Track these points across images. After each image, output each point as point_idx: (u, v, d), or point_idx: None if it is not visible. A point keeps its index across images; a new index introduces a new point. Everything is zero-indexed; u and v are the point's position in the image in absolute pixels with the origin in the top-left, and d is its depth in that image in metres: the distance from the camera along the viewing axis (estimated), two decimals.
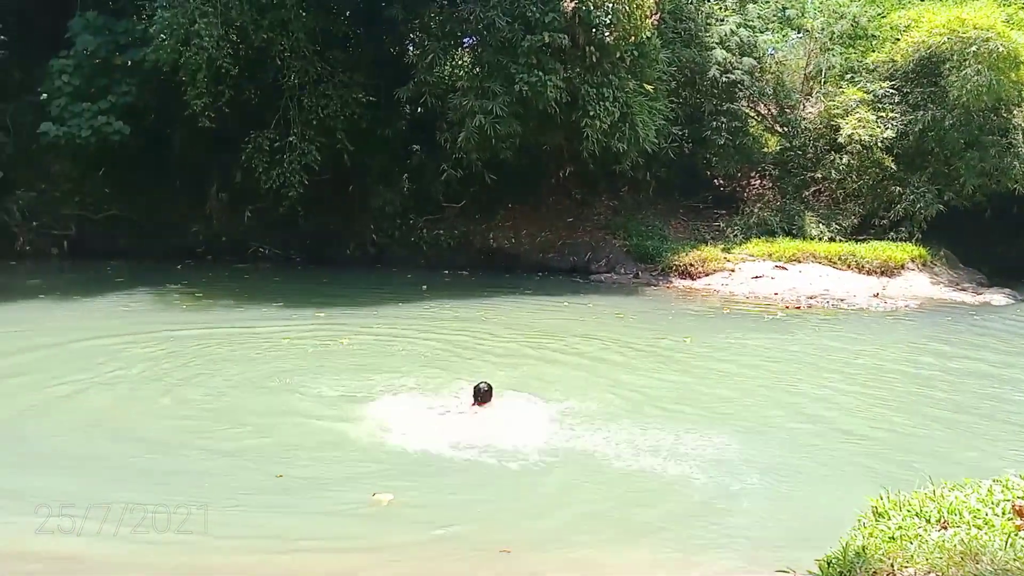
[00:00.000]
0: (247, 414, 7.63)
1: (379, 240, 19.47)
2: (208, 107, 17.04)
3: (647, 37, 17.61)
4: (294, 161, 17.99)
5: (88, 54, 17.98)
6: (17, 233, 18.79)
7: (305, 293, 15.25)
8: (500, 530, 5.34)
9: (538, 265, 19.34)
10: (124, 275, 16.22)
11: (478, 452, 6.61)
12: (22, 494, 5.56)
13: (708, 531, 5.45)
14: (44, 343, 10.26)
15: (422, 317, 12.92)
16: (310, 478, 6.07)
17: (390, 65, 19.81)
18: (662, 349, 11.22)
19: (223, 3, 16.65)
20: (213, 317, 12.58)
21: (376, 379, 8.82)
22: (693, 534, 5.40)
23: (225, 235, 19.71)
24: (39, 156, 19.21)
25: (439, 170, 18.63)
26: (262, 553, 4.90)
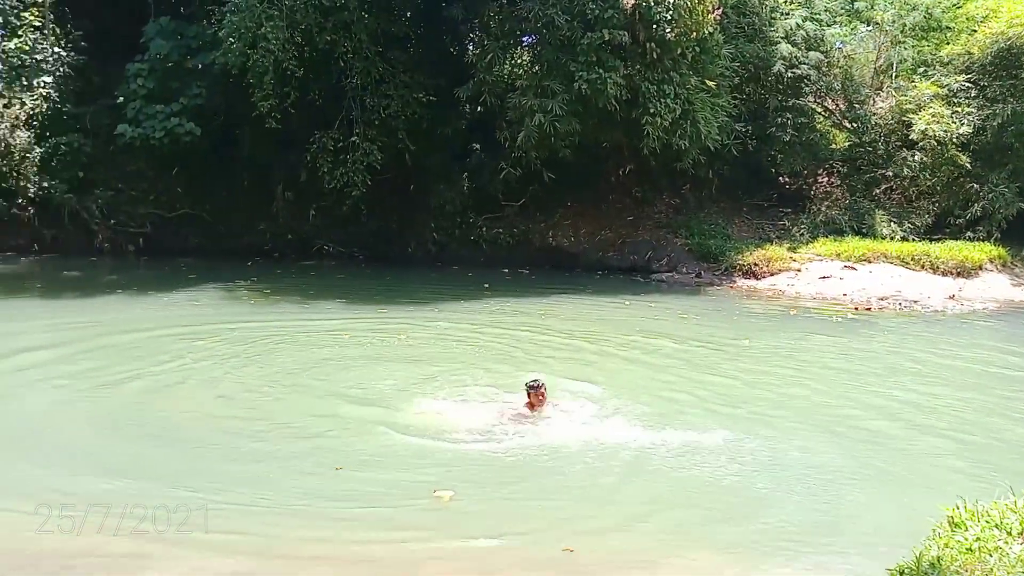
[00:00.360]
0: (307, 408, 7.75)
1: (439, 238, 19.64)
2: (274, 108, 17.48)
3: (709, 32, 17.32)
4: (357, 161, 18.31)
5: (161, 58, 18.66)
6: (96, 231, 19.65)
7: (368, 290, 15.52)
8: (562, 529, 5.29)
9: (597, 264, 19.22)
10: (196, 272, 16.81)
11: (536, 450, 6.59)
12: (82, 487, 5.78)
13: (772, 535, 5.32)
14: (118, 334, 10.71)
15: (483, 314, 12.97)
16: (369, 473, 6.12)
17: (450, 64, 19.99)
18: (726, 350, 10.99)
19: (288, 7, 17.05)
20: (278, 313, 12.91)
21: (436, 375, 8.90)
22: (756, 538, 5.28)
23: (291, 233, 20.22)
24: (116, 157, 20.06)
25: (498, 168, 18.69)
26: (327, 544, 4.97)
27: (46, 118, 20.05)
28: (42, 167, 19.48)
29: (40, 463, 6.15)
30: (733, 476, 6.25)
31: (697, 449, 6.74)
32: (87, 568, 4.59)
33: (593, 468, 6.32)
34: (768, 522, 5.51)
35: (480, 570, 4.80)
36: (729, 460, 6.54)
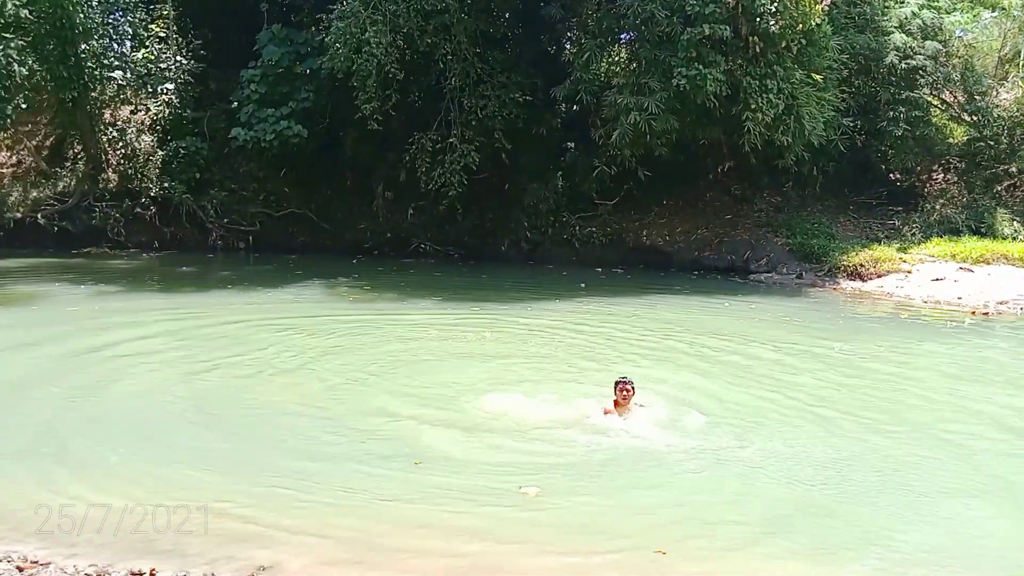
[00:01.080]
0: (395, 401, 7.86)
1: (532, 237, 19.76)
2: (376, 110, 18.05)
3: (816, 24, 16.67)
4: (455, 162, 18.67)
5: (273, 64, 19.58)
6: (211, 229, 20.84)
7: (462, 287, 15.82)
8: (653, 530, 5.21)
9: (692, 264, 18.86)
10: (303, 268, 17.57)
11: (623, 448, 6.55)
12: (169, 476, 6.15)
13: (867, 548, 5.10)
14: (223, 325, 11.36)
15: (578, 313, 12.91)
16: (452, 468, 6.14)
17: (547, 64, 20.07)
18: (830, 353, 10.54)
19: (391, 11, 17.57)
20: (375, 308, 13.32)
21: (527, 373, 8.97)
22: (853, 552, 5.07)
23: (390, 232, 20.83)
24: (230, 159, 21.23)
25: (593, 167, 18.65)
26: (414, 539, 5.04)
27: (168, 123, 21.44)
28: (163, 169, 20.83)
29: (129, 445, 6.57)
30: (833, 486, 6.01)
31: (797, 456, 6.53)
32: (194, 551, 4.86)
33: (683, 469, 6.23)
34: (862, 532, 5.29)
35: (573, 570, 4.75)
36: (831, 469, 6.29)
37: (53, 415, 7.23)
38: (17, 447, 6.38)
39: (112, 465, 6.07)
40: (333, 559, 4.65)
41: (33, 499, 5.37)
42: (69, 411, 7.37)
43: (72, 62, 19.94)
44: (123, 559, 4.50)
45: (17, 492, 5.51)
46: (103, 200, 20.82)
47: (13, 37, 19.08)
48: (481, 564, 4.79)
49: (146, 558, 4.50)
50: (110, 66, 20.97)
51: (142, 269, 18.02)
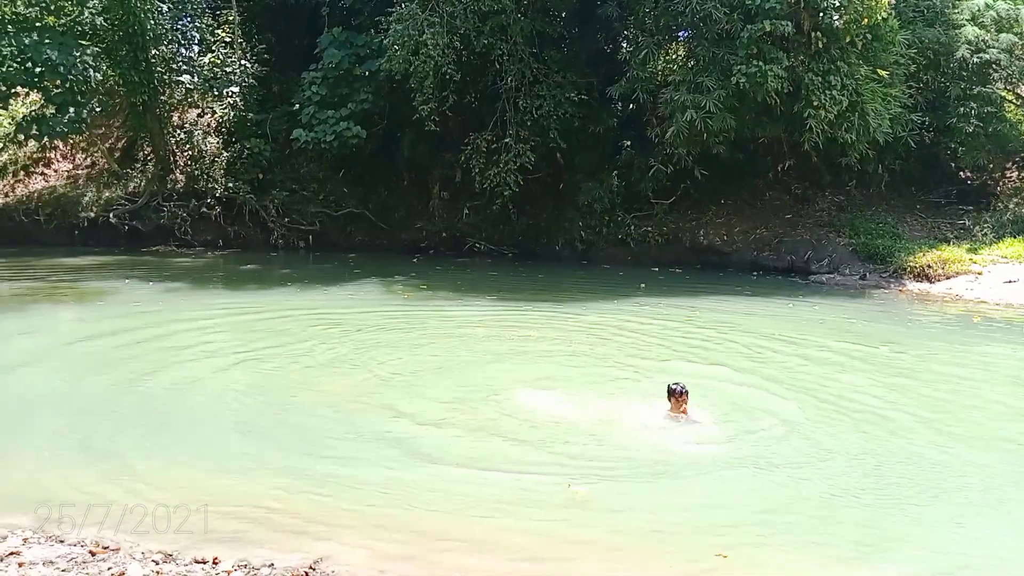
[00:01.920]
0: (442, 397, 7.92)
1: (587, 236, 19.67)
2: (433, 111, 18.24)
3: (883, 18, 16.18)
4: (509, 162, 18.73)
5: (333, 66, 19.97)
6: (272, 228, 21.36)
7: (520, 287, 15.83)
8: (712, 534, 5.12)
9: (751, 264, 18.51)
10: (362, 267, 17.92)
11: (679, 453, 6.49)
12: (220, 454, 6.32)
13: (924, 554, 4.95)
14: (280, 320, 11.69)
15: (638, 313, 12.76)
16: (503, 464, 6.15)
17: (603, 63, 19.98)
18: (900, 357, 10.16)
19: (449, 13, 17.73)
20: (429, 306, 13.48)
21: (584, 373, 8.94)
22: (920, 561, 4.92)
23: (445, 231, 21.03)
24: (291, 159, 21.75)
25: (648, 166, 18.48)
26: (467, 536, 5.07)
27: (233, 125, 22.07)
28: (228, 170, 21.44)
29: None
30: (887, 488, 5.85)
31: (856, 460, 6.38)
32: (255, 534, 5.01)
33: (737, 472, 6.14)
34: (923, 540, 5.13)
35: (630, 571, 4.71)
36: (887, 472, 6.14)
37: (117, 406, 7.54)
38: (83, 436, 6.67)
39: (173, 455, 6.30)
40: (387, 553, 4.73)
41: (99, 488, 5.62)
42: (132, 402, 7.68)
43: (143, 67, 20.70)
44: (187, 547, 4.67)
45: (84, 481, 5.76)
46: (171, 200, 21.55)
47: (89, 44, 19.93)
48: (537, 566, 4.77)
49: (209, 547, 4.66)
50: (178, 70, 21.71)
51: (207, 267, 18.61)
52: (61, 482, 5.72)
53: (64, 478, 5.80)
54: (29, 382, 8.50)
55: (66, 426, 6.97)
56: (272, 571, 4.33)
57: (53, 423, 7.08)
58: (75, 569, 4.24)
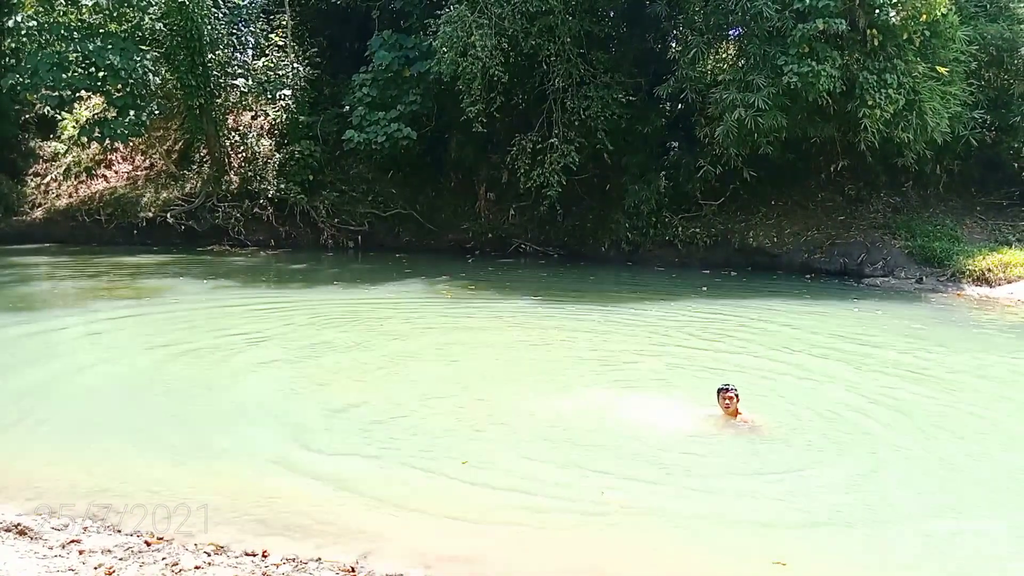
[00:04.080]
0: (483, 396, 7.94)
1: (633, 238, 19.55)
2: (481, 113, 18.36)
3: (942, 14, 15.71)
4: (554, 162, 18.73)
5: (383, 68, 20.24)
6: (322, 228, 21.74)
7: (563, 287, 15.79)
8: (769, 540, 4.99)
9: (802, 266, 18.14)
10: (409, 266, 18.12)
11: (728, 455, 6.41)
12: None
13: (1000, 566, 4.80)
14: (327, 319, 11.87)
15: (694, 315, 12.58)
16: (534, 467, 6.11)
17: (651, 62, 19.84)
18: (965, 365, 9.81)
19: (497, 15, 17.83)
20: (472, 305, 13.53)
21: (630, 375, 8.87)
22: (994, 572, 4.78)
23: (491, 232, 21.14)
24: (341, 161, 22.13)
25: (697, 167, 18.28)
26: (516, 535, 5.07)
27: (285, 127, 22.54)
28: (280, 171, 21.91)
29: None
30: (955, 492, 5.71)
31: (929, 467, 6.22)
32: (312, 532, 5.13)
33: (789, 476, 6.02)
34: (997, 547, 4.97)
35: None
36: (953, 476, 5.98)
37: (171, 401, 7.77)
38: (139, 430, 6.89)
39: (225, 450, 6.46)
40: (432, 551, 4.77)
41: (154, 479, 5.80)
42: (186, 397, 7.90)
43: (200, 71, 21.28)
44: (237, 539, 4.79)
45: (140, 473, 5.95)
46: (225, 200, 22.12)
47: (149, 49, 20.58)
48: (583, 571, 4.72)
49: (259, 540, 4.78)
50: (233, 74, 22.25)
51: (259, 266, 19.03)
52: (118, 473, 5.91)
53: (121, 470, 5.99)
54: (90, 378, 8.81)
55: (123, 420, 7.21)
56: (319, 565, 4.42)
57: (111, 417, 7.32)
58: (131, 558, 4.38)
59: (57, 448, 6.51)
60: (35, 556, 4.31)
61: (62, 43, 19.70)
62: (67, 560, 4.30)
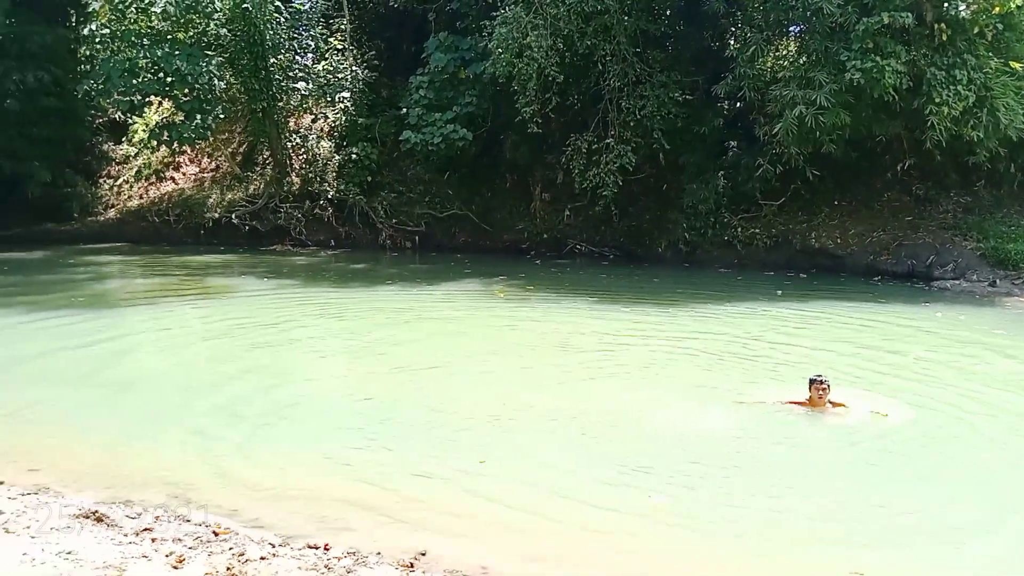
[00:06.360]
0: (540, 398, 7.90)
1: (691, 238, 19.29)
2: (536, 113, 18.40)
3: (1016, 6, 15.11)
4: (610, 162, 18.64)
5: (439, 70, 20.47)
6: (381, 229, 22.09)
7: (624, 288, 15.62)
8: (847, 547, 4.82)
9: (866, 268, 17.59)
10: (468, 267, 18.29)
11: (814, 450, 6.21)
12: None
13: None
14: (384, 318, 12.08)
15: (773, 317, 12.30)
16: (587, 470, 6.05)
17: (708, 60, 19.58)
18: None
19: (552, 15, 17.84)
20: (529, 305, 13.57)
21: (700, 378, 8.73)
22: None
23: (547, 232, 21.15)
24: (398, 162, 22.45)
25: (756, 166, 17.96)
26: (579, 536, 5.07)
27: (344, 129, 22.96)
28: (339, 172, 22.35)
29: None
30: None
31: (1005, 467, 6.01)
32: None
33: (880, 473, 5.80)
34: None
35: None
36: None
37: (239, 396, 8.00)
38: (208, 424, 7.12)
39: (290, 445, 6.64)
40: (490, 549, 4.81)
41: (222, 472, 6.01)
42: (253, 392, 8.14)
43: (263, 75, 21.85)
44: (301, 532, 4.92)
45: (208, 465, 6.16)
46: (287, 201, 22.66)
47: (214, 54, 21.22)
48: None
49: (321, 534, 4.90)
50: (295, 78, 22.77)
51: (319, 265, 19.46)
52: (186, 465, 6.13)
53: (189, 461, 6.21)
54: (159, 372, 9.17)
55: (190, 413, 7.46)
56: (379, 560, 4.50)
57: (179, 410, 7.59)
58: (200, 547, 4.55)
59: (129, 438, 6.79)
60: (111, 542, 4.51)
61: (133, 50, 20.46)
62: (140, 547, 4.48)
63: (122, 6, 20.35)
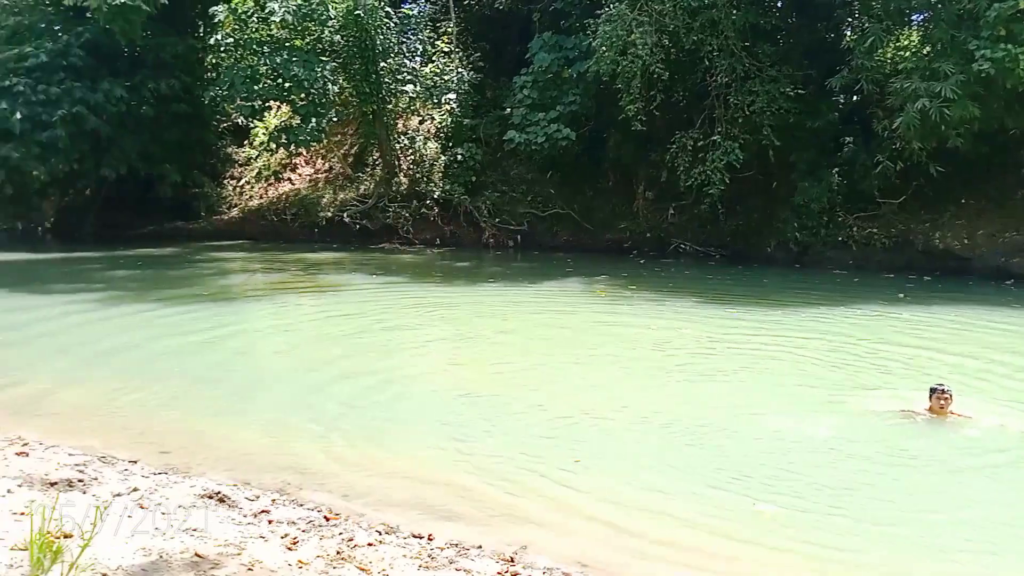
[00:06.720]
0: (646, 398, 7.87)
1: (802, 238, 18.57)
2: (640, 111, 18.21)
3: None
4: (716, 159, 18.22)
5: (543, 70, 20.59)
6: (484, 228, 22.44)
7: (732, 289, 15.22)
8: (970, 568, 4.59)
9: (997, 271, 16.29)
10: (571, 265, 18.31)
11: (937, 461, 5.94)
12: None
13: None
14: (485, 316, 12.27)
15: (884, 322, 11.73)
16: (682, 476, 5.93)
17: (822, 53, 18.82)
18: None
19: (658, 11, 17.60)
20: (632, 305, 13.46)
21: (809, 382, 8.43)
22: None
23: (650, 231, 20.89)
24: (501, 162, 22.76)
25: (874, 162, 17.10)
26: (678, 537, 5.02)
27: (449, 131, 23.45)
28: (445, 173, 22.86)
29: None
30: None
31: None
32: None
33: (1009, 486, 5.53)
34: None
35: None
36: None
37: (350, 387, 8.33)
38: (322, 412, 7.46)
39: (399, 436, 6.88)
40: (590, 549, 4.83)
41: (334, 459, 6.30)
42: (365, 384, 8.45)
43: (373, 79, 22.62)
44: (406, 521, 5.10)
45: (321, 452, 6.46)
46: (395, 201, 23.37)
47: (328, 60, 22.11)
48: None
49: (426, 523, 5.06)
50: (403, 81, 23.44)
51: (425, 263, 19.98)
52: (300, 451, 6.46)
53: (301, 448, 6.54)
54: (278, 363, 9.68)
55: (305, 402, 7.84)
56: (480, 552, 4.61)
57: (295, 399, 8.00)
58: (312, 531, 4.79)
59: (247, 424, 7.23)
60: (232, 522, 4.81)
61: (254, 57, 21.62)
62: (258, 528, 4.77)
63: (244, 16, 21.52)
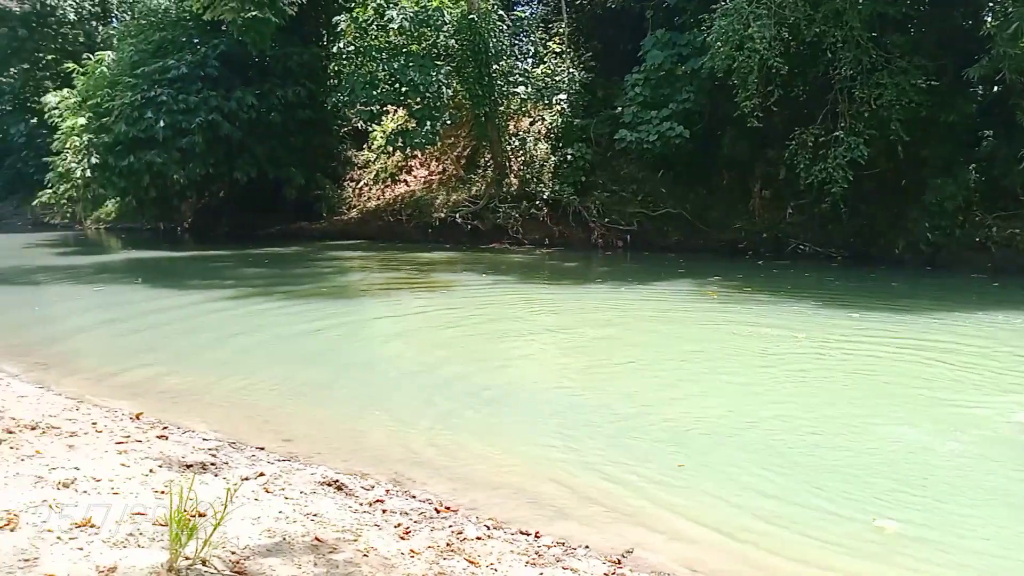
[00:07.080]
0: (754, 403, 7.63)
1: (933, 239, 17.42)
2: (756, 107, 17.64)
3: None
4: (839, 156, 17.40)
5: (656, 67, 20.31)
6: (593, 227, 22.38)
7: (857, 292, 14.42)
8: None
9: None
10: (682, 266, 18.02)
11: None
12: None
13: None
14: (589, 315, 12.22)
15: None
16: (799, 490, 5.70)
17: (958, 42, 17.57)
18: None
19: (777, 4, 16.99)
20: (745, 307, 13.02)
21: (935, 392, 7.91)
22: None
23: (766, 232, 20.19)
24: (611, 162, 22.60)
25: (1018, 158, 15.84)
26: (750, 557, 4.88)
27: (560, 131, 23.53)
28: (555, 173, 22.94)
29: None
30: None
31: None
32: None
33: None
34: None
35: None
36: None
37: (459, 383, 8.52)
38: (433, 406, 7.68)
39: (507, 434, 6.99)
40: (692, 555, 4.76)
41: (445, 452, 6.47)
42: (479, 382, 8.62)
43: (485, 81, 23.00)
44: (514, 518, 5.19)
45: (432, 445, 6.64)
46: (505, 202, 23.68)
47: (443, 64, 22.67)
48: None
49: (534, 521, 5.13)
50: (515, 82, 23.72)
51: (534, 263, 20.13)
52: (414, 444, 6.67)
53: (415, 442, 6.74)
54: (395, 357, 10.04)
55: (421, 397, 8.09)
56: (587, 552, 4.63)
57: (409, 393, 8.26)
58: (424, 522, 4.95)
59: (364, 415, 7.54)
60: (348, 510, 5.04)
61: (373, 63, 22.45)
62: (373, 517, 4.97)
63: (365, 24, 22.37)
